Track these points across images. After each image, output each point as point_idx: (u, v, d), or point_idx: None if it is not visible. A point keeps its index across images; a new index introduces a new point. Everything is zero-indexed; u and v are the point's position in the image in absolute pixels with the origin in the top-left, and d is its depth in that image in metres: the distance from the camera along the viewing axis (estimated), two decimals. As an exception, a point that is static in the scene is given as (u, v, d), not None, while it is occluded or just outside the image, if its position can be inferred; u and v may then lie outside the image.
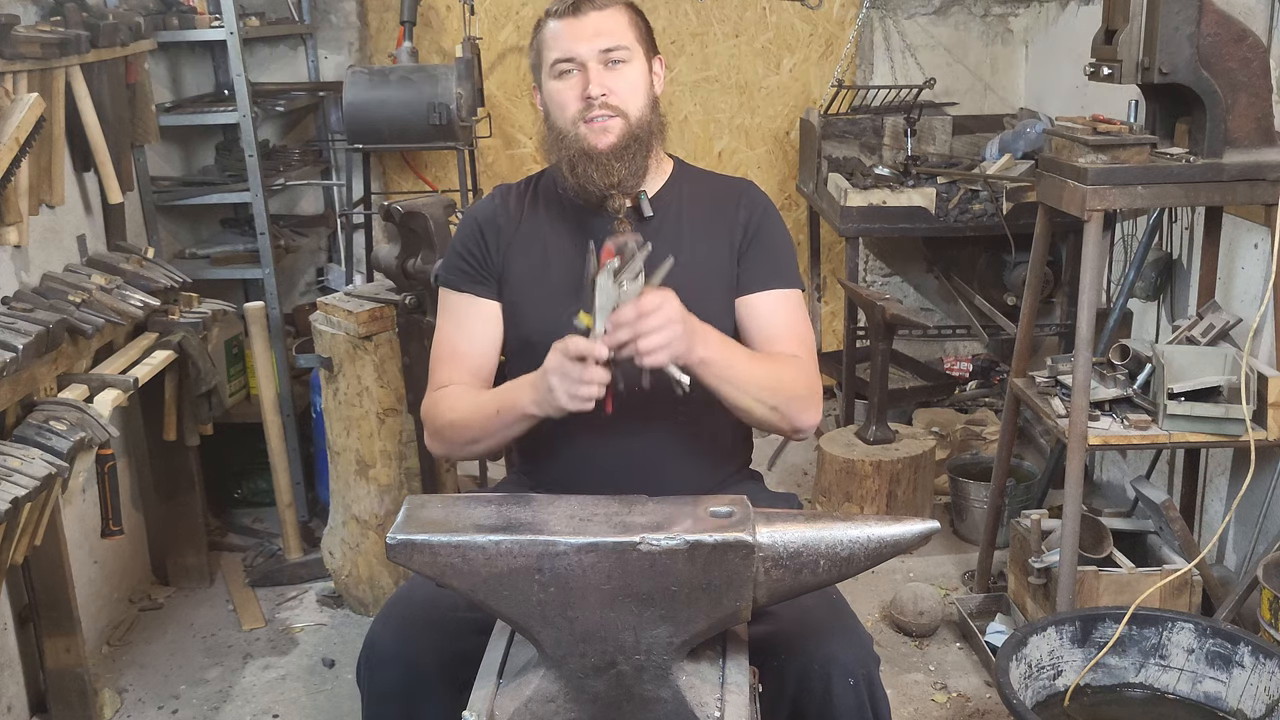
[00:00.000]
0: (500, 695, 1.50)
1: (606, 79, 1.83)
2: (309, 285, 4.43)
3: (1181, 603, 2.64)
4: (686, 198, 1.96)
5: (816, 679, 1.67)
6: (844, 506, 3.46)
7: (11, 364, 2.34)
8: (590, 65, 1.82)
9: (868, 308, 3.58)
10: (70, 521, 2.82)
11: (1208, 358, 2.57)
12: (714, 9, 4.47)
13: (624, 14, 1.87)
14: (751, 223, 1.93)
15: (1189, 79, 2.44)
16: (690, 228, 1.92)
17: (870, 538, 1.45)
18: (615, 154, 1.83)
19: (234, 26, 3.31)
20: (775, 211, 1.98)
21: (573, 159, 1.84)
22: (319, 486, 3.67)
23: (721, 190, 1.98)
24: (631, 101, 1.85)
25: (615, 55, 1.83)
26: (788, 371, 1.81)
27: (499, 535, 1.42)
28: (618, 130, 1.83)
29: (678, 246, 1.89)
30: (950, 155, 4.21)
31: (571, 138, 1.84)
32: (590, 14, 1.84)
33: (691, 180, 1.99)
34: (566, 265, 1.89)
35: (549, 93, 1.87)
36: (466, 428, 1.84)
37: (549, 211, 1.96)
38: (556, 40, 1.85)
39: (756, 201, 1.96)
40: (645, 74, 1.89)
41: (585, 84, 1.82)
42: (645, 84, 1.88)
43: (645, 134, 1.87)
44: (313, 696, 2.86)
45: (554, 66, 1.85)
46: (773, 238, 1.94)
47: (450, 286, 1.97)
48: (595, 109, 1.82)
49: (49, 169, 2.76)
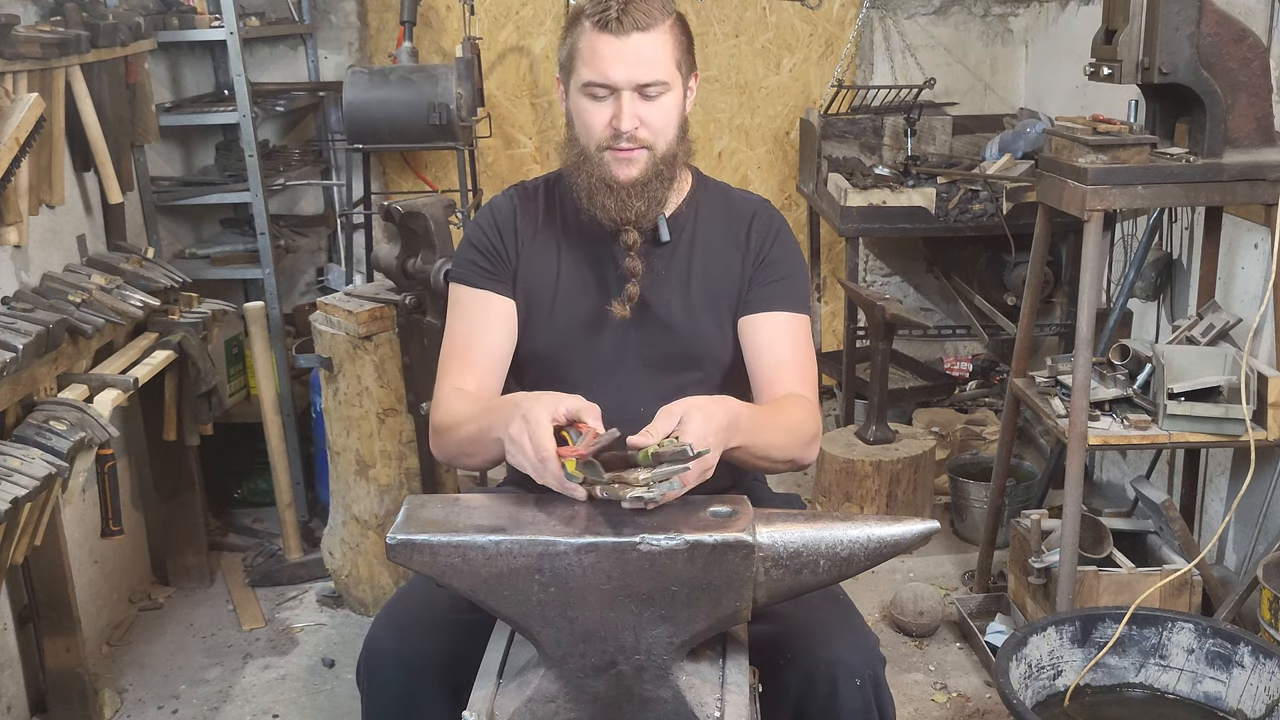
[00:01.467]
0: (500, 695, 1.50)
1: (640, 109, 1.75)
2: (309, 285, 4.43)
3: (1181, 603, 2.64)
4: (702, 217, 1.91)
5: (822, 679, 1.66)
6: (844, 506, 3.46)
7: (11, 364, 2.34)
8: (625, 95, 1.73)
9: (868, 308, 3.58)
10: (70, 521, 2.82)
11: (1208, 358, 2.57)
12: (714, 9, 4.47)
13: (669, 36, 1.76)
14: (764, 246, 1.89)
15: (1189, 79, 2.44)
16: (703, 249, 1.89)
17: (870, 538, 1.45)
18: (636, 188, 1.77)
19: (234, 26, 3.31)
20: (789, 235, 1.94)
21: (592, 187, 1.79)
22: (319, 486, 3.67)
23: (736, 210, 1.93)
24: (662, 134, 1.78)
25: (652, 89, 1.74)
26: (796, 418, 1.75)
27: (499, 535, 1.42)
28: (643, 163, 1.77)
29: (690, 268, 1.88)
30: (950, 155, 4.21)
31: (595, 162, 1.78)
32: (634, 35, 1.72)
33: (708, 197, 1.94)
34: (579, 282, 1.87)
35: (576, 107, 1.79)
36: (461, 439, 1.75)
37: (564, 223, 1.92)
38: (594, 58, 1.73)
39: (770, 224, 1.91)
40: (680, 100, 1.81)
41: (617, 112, 1.74)
42: (679, 112, 1.81)
43: (670, 164, 1.81)
44: (313, 696, 2.86)
45: (586, 85, 1.75)
46: (784, 262, 1.89)
47: (464, 282, 1.90)
48: (623, 140, 1.75)
49: (49, 169, 2.76)
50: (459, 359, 1.87)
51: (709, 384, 1.88)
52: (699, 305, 1.87)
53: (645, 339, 1.86)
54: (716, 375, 1.90)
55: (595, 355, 1.87)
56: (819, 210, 4.17)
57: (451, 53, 4.15)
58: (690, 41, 1.82)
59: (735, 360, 1.91)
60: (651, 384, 1.84)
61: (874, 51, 4.48)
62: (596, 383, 1.82)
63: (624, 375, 1.86)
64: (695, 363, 1.88)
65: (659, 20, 1.74)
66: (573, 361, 1.87)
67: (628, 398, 1.79)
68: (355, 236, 4.29)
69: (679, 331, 1.86)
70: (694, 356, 1.87)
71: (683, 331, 1.86)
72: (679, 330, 1.86)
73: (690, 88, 1.84)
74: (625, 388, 1.84)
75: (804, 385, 1.83)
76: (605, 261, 1.87)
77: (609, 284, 1.86)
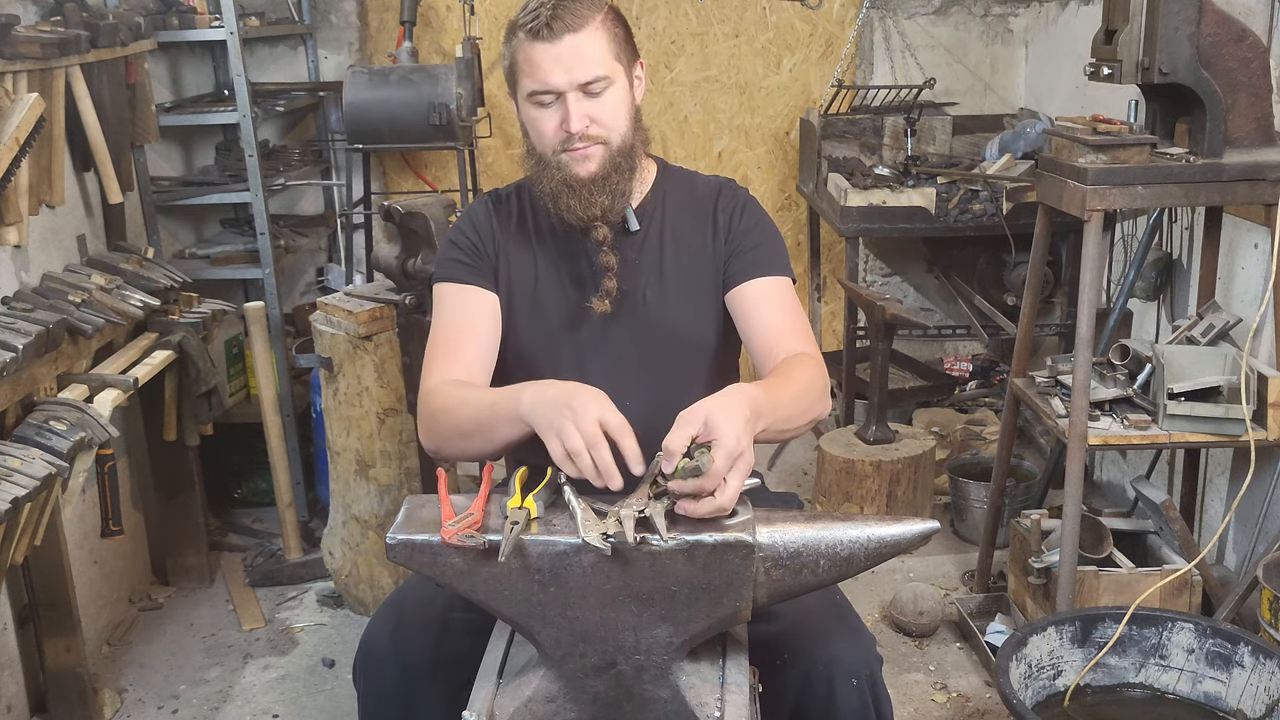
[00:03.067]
0: (500, 695, 1.50)
1: (587, 108, 1.76)
2: (309, 285, 4.43)
3: (1181, 603, 2.64)
4: (669, 203, 1.93)
5: (819, 679, 1.66)
6: (844, 506, 3.46)
7: (11, 364, 2.34)
8: (569, 97, 1.75)
9: (868, 308, 3.58)
10: (70, 521, 2.82)
11: (1208, 358, 2.57)
12: (714, 9, 4.47)
13: (602, 31, 1.77)
14: (733, 221, 1.91)
15: (1189, 79, 2.44)
16: (673, 235, 1.91)
17: (870, 538, 1.45)
18: (597, 183, 1.79)
19: (234, 26, 3.31)
20: (755, 204, 1.95)
21: (555, 190, 1.80)
22: (319, 486, 3.67)
23: (700, 193, 1.95)
24: (614, 126, 1.79)
25: (595, 86, 1.76)
26: (804, 380, 1.73)
27: (499, 535, 1.42)
28: (599, 157, 1.79)
29: (662, 255, 1.89)
30: (950, 155, 4.21)
31: (554, 166, 1.80)
32: (566, 37, 1.73)
33: (673, 185, 1.96)
34: (556, 281, 1.89)
35: (527, 117, 1.82)
36: (460, 420, 1.71)
37: (537, 226, 1.94)
38: (531, 67, 1.76)
39: (734, 199, 1.93)
40: (627, 92, 1.82)
41: (565, 115, 1.76)
42: (628, 103, 1.82)
43: (628, 155, 1.82)
44: (313, 696, 2.86)
45: (531, 95, 1.78)
46: (755, 230, 1.91)
47: (449, 280, 1.90)
48: (576, 140, 1.77)
49: (49, 169, 2.76)
50: (447, 350, 1.85)
51: (693, 368, 1.89)
52: (675, 290, 1.88)
53: (626, 330, 1.87)
54: (700, 358, 1.90)
55: (579, 351, 1.88)
56: (819, 210, 4.17)
57: (451, 53, 4.15)
58: (627, 32, 1.83)
59: (719, 341, 1.92)
60: (637, 374, 1.86)
61: (874, 51, 4.48)
62: (582, 378, 1.82)
63: (609, 368, 1.86)
64: (677, 348, 1.89)
65: (589, 18, 1.75)
66: (558, 358, 1.87)
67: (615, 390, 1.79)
68: (355, 236, 4.29)
69: (658, 318, 1.87)
70: (676, 342, 1.88)
71: (662, 318, 1.88)
72: (658, 317, 1.87)
73: (637, 76, 1.86)
74: (612, 380, 1.82)
75: (802, 343, 1.83)
76: (579, 258, 1.89)
77: (585, 280, 1.89)
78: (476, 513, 1.46)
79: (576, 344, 1.88)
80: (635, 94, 1.85)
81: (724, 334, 1.92)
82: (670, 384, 1.85)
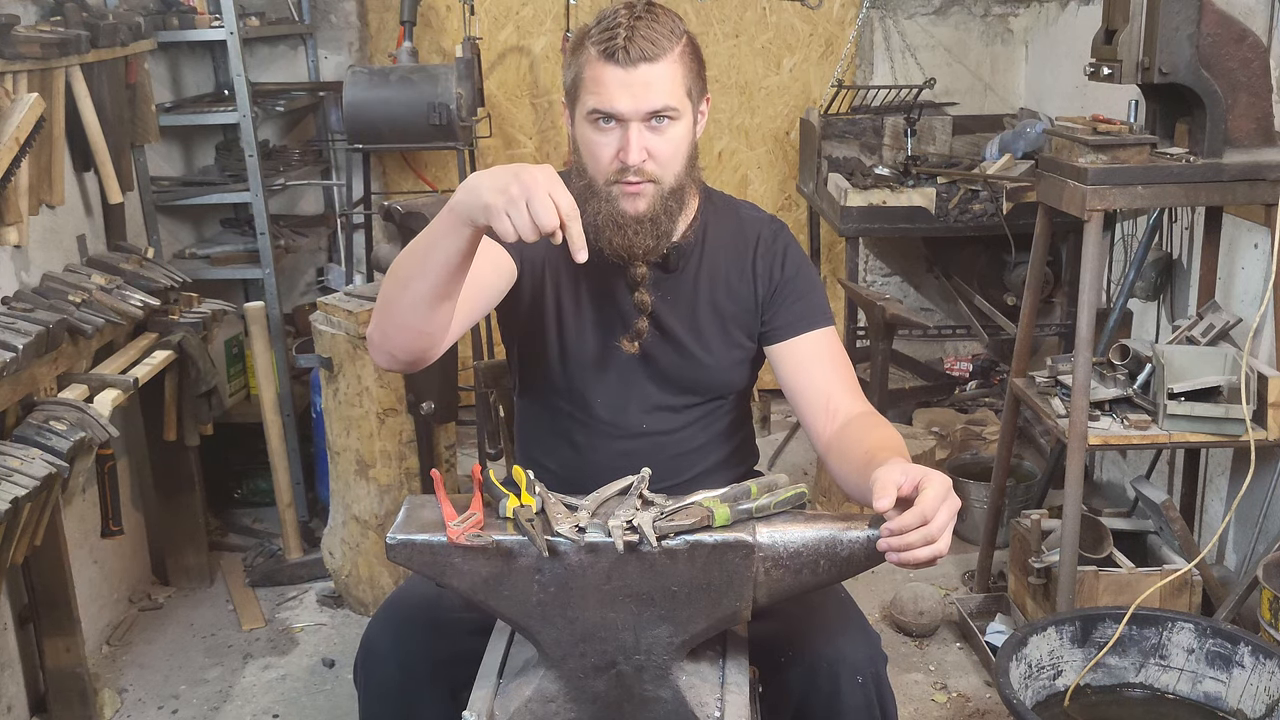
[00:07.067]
0: (500, 695, 1.50)
1: (648, 140, 1.67)
2: (309, 285, 4.43)
3: (1181, 603, 2.64)
4: (709, 241, 1.86)
5: (824, 677, 1.66)
6: (844, 506, 3.46)
7: (11, 364, 2.34)
8: (632, 126, 1.65)
9: (868, 308, 3.58)
10: (70, 521, 2.82)
11: (1208, 358, 2.57)
12: (714, 9, 4.47)
13: (679, 64, 1.67)
14: (773, 270, 1.85)
15: (1189, 79, 2.44)
16: (709, 276, 1.84)
17: (870, 538, 1.45)
18: (645, 223, 1.70)
19: (234, 26, 3.31)
20: (797, 249, 1.89)
21: (600, 223, 1.70)
22: (319, 486, 3.67)
23: (742, 233, 1.88)
24: (671, 165, 1.70)
25: (660, 119, 1.67)
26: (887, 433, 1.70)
27: (499, 535, 1.42)
28: (650, 196, 1.70)
29: (696, 295, 1.84)
30: (950, 155, 4.21)
31: (603, 197, 1.71)
32: (641, 66, 1.63)
33: (714, 217, 1.88)
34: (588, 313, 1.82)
35: (582, 136, 1.71)
36: (398, 273, 1.54)
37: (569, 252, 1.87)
38: (598, 86, 1.65)
39: (774, 243, 1.86)
40: (690, 129, 1.73)
41: (624, 144, 1.66)
42: (689, 141, 1.73)
43: (679, 197, 1.74)
44: (313, 696, 2.86)
45: (591, 113, 1.67)
46: (798, 279, 1.85)
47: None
48: (630, 174, 1.68)
49: (49, 169, 2.76)
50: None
51: (715, 409, 1.88)
52: (708, 331, 1.84)
53: (652, 368, 1.84)
54: (723, 401, 1.90)
55: (606, 385, 1.84)
56: (819, 210, 4.17)
57: (451, 53, 4.15)
58: (701, 66, 1.75)
59: (745, 386, 1.91)
60: (663, 410, 1.85)
61: (874, 51, 4.48)
62: (610, 411, 1.83)
63: (637, 403, 1.84)
64: (705, 388, 1.87)
65: (668, 49, 1.66)
66: (586, 392, 1.84)
67: (641, 424, 1.82)
68: (355, 236, 4.29)
69: (688, 358, 1.84)
70: (704, 382, 1.86)
71: (690, 360, 1.84)
72: (688, 357, 1.84)
73: (701, 112, 1.77)
74: (638, 415, 1.84)
75: (857, 399, 1.79)
76: (614, 291, 1.82)
77: (615, 316, 1.82)
78: (479, 513, 1.46)
79: (604, 377, 1.84)
80: (697, 129, 1.77)
81: (749, 379, 1.90)
82: (689, 423, 1.86)
